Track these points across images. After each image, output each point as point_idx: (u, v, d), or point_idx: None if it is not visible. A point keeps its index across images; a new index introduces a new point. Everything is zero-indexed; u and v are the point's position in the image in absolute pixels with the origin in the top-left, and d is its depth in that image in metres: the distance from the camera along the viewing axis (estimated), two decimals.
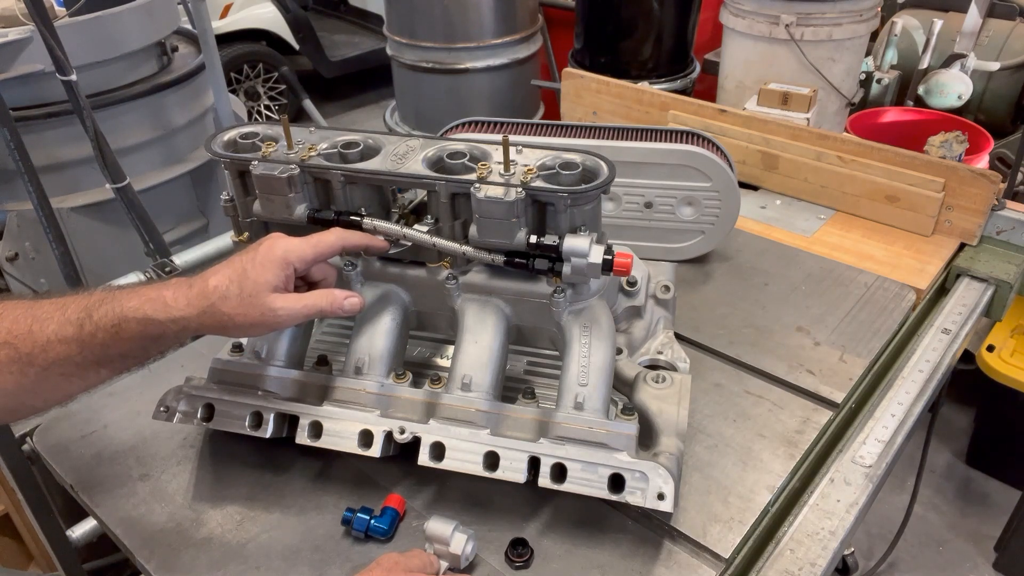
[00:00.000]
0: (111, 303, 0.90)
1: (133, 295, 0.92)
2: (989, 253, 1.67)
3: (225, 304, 0.92)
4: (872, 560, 2.55)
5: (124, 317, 0.89)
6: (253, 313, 0.93)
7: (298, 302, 0.97)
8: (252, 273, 0.94)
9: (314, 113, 5.44)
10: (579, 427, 1.02)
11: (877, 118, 2.90)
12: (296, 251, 0.98)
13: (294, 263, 0.97)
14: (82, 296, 0.92)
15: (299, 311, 0.97)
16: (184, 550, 1.05)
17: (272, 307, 0.94)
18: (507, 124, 1.53)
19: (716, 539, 1.04)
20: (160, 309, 0.90)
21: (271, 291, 0.94)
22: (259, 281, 0.94)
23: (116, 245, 2.56)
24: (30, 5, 1.91)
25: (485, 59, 3.48)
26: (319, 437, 1.07)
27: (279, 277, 0.96)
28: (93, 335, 0.89)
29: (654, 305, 1.32)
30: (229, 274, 0.94)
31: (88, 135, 2.10)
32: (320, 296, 1.00)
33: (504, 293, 1.12)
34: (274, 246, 0.97)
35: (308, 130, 1.17)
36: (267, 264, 0.95)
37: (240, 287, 0.93)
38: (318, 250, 1.00)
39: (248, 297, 0.93)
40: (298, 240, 1.00)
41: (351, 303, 1.02)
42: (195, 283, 0.94)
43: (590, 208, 1.06)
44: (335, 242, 1.03)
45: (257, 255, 0.96)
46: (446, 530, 0.97)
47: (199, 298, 0.92)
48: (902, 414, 1.27)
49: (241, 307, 0.92)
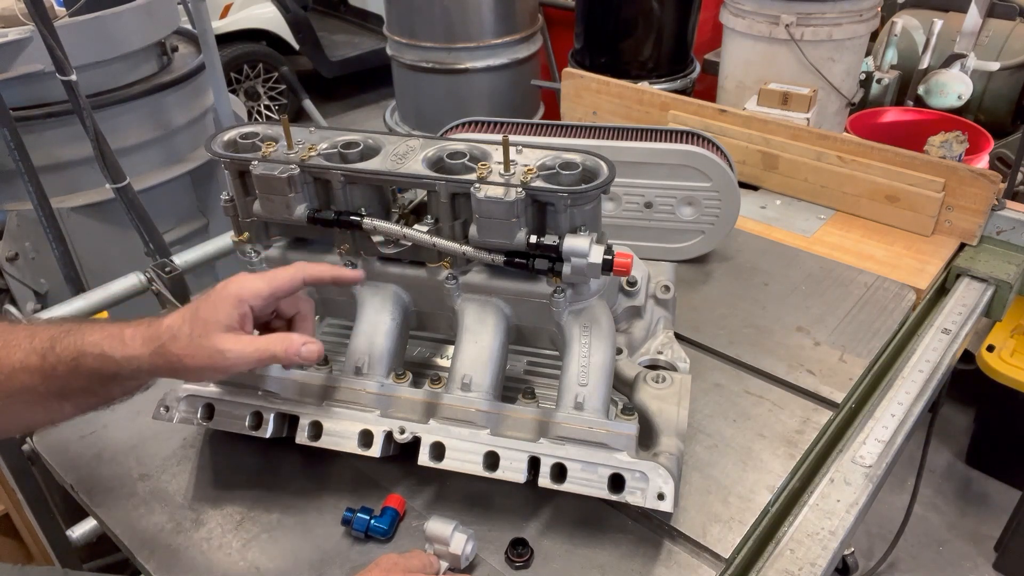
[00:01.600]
0: (75, 335, 0.88)
1: (96, 329, 0.89)
2: (989, 253, 1.67)
3: (175, 344, 0.87)
4: (872, 560, 2.55)
5: (82, 352, 0.87)
6: (201, 355, 0.87)
7: (250, 344, 0.90)
8: (203, 312, 0.89)
9: (314, 113, 5.44)
10: (579, 427, 1.02)
11: (877, 118, 2.90)
12: (251, 288, 0.92)
13: (248, 300, 0.92)
14: (53, 326, 0.90)
15: (250, 355, 0.89)
16: (184, 550, 1.05)
17: (220, 348, 0.88)
18: (507, 124, 1.53)
19: (716, 539, 1.04)
20: (117, 346, 0.87)
21: (222, 331, 0.89)
22: (209, 320, 0.88)
23: (116, 245, 2.56)
24: (30, 5, 1.91)
25: (485, 59, 3.48)
26: (319, 437, 1.07)
27: (231, 316, 0.90)
28: (54, 367, 0.86)
29: (654, 305, 1.32)
30: (183, 314, 0.90)
31: (88, 135, 2.10)
32: (275, 340, 0.92)
33: (504, 293, 1.12)
34: (228, 284, 0.92)
35: (308, 130, 1.17)
36: (218, 303, 0.90)
37: (191, 326, 0.88)
38: (273, 286, 0.94)
39: (198, 337, 0.87)
40: (254, 277, 0.95)
41: (308, 350, 0.93)
42: (154, 322, 0.90)
43: (590, 208, 1.06)
44: (294, 275, 0.97)
45: (211, 294, 0.91)
46: (446, 530, 0.97)
47: (152, 337, 0.88)
48: (902, 414, 1.27)
49: (191, 348, 0.87)
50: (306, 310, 1.03)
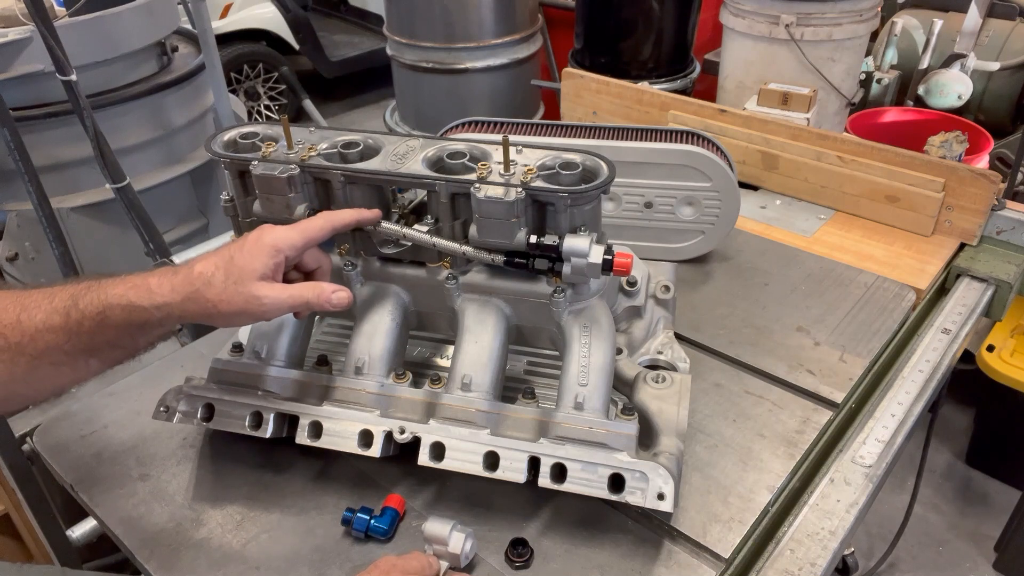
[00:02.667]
0: (96, 291, 0.89)
1: (118, 283, 0.90)
2: (989, 253, 1.67)
3: (209, 290, 0.89)
4: (872, 560, 2.54)
5: (108, 304, 0.88)
6: (237, 300, 0.90)
7: (284, 292, 0.94)
8: (239, 259, 0.92)
9: (314, 113, 5.44)
10: (579, 427, 1.02)
11: (877, 118, 2.90)
12: (285, 238, 0.96)
13: (284, 250, 0.95)
14: (70, 285, 0.91)
15: (284, 301, 0.93)
16: (184, 550, 1.05)
17: (256, 295, 0.91)
18: (507, 124, 1.53)
19: (716, 539, 1.04)
20: (144, 295, 0.89)
21: (257, 279, 0.92)
22: (246, 268, 0.91)
23: (116, 245, 2.56)
24: (30, 5, 1.90)
25: (485, 59, 3.48)
26: (319, 437, 1.07)
27: (267, 265, 0.93)
28: (80, 323, 0.87)
29: (654, 305, 1.32)
30: (216, 260, 0.92)
31: (88, 135, 2.10)
32: (308, 288, 0.97)
33: (504, 293, 1.12)
34: (263, 235, 0.95)
35: (308, 130, 1.17)
36: (255, 251, 0.93)
37: (226, 273, 0.90)
38: (307, 235, 0.98)
39: (233, 284, 0.90)
40: (287, 228, 0.98)
41: (339, 297, 0.98)
42: (180, 270, 0.91)
43: (590, 208, 1.06)
44: (324, 225, 1.00)
45: (246, 243, 0.94)
46: (444, 530, 0.97)
47: (184, 284, 0.90)
48: (902, 414, 1.27)
49: (225, 294, 0.89)
50: (326, 265, 1.06)
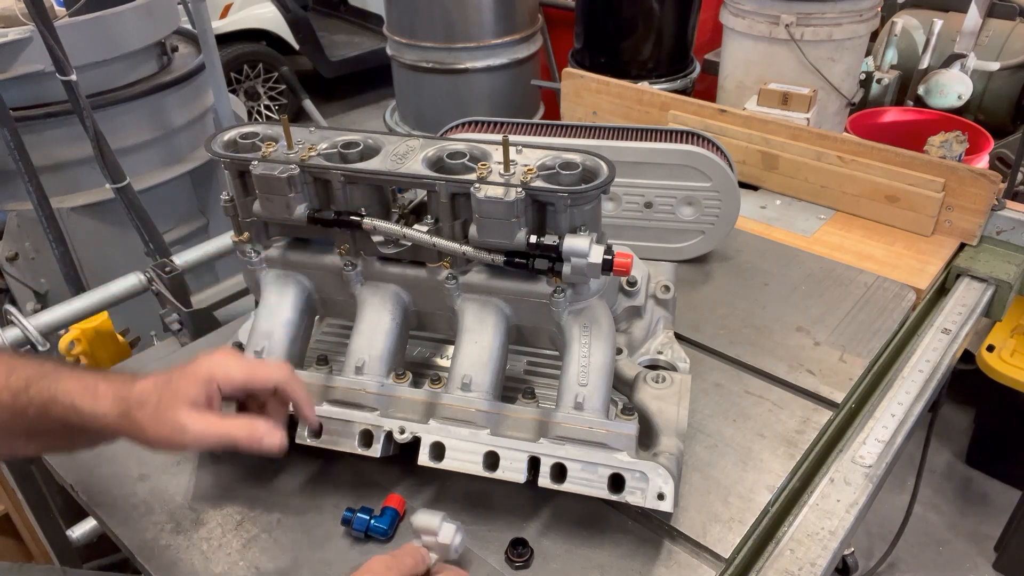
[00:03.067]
0: (50, 379, 0.86)
1: (73, 377, 0.87)
2: (989, 253, 1.67)
3: (141, 411, 0.85)
4: (872, 560, 2.54)
5: (54, 398, 0.85)
6: (163, 428, 0.85)
7: (212, 425, 0.87)
8: (173, 383, 0.87)
9: (314, 113, 5.44)
10: (579, 427, 1.02)
11: (877, 118, 2.90)
12: (224, 371, 0.90)
13: (218, 381, 0.90)
14: (33, 365, 0.89)
15: (209, 435, 0.87)
16: (184, 550, 1.05)
17: (181, 423, 0.85)
18: (507, 124, 1.53)
19: (716, 539, 1.04)
20: (88, 401, 0.86)
21: (187, 406, 0.86)
22: (177, 392, 0.87)
23: (116, 245, 2.56)
24: (30, 5, 1.91)
25: (485, 59, 3.48)
26: (319, 437, 1.07)
27: (199, 393, 0.88)
28: (25, 408, 0.85)
29: (654, 305, 1.32)
30: (155, 380, 0.88)
31: (88, 135, 2.10)
32: (240, 425, 0.89)
33: (504, 293, 1.12)
34: (203, 360, 0.91)
35: (308, 130, 1.17)
36: (190, 377, 0.88)
37: (159, 396, 0.86)
38: (251, 376, 0.92)
39: (163, 409, 0.85)
40: (236, 360, 0.92)
41: (271, 442, 0.89)
42: (129, 382, 0.88)
43: (590, 208, 1.06)
44: (272, 376, 0.94)
45: (187, 366, 0.90)
46: (434, 521, 0.96)
47: (122, 399, 0.86)
48: (902, 414, 1.27)
49: (154, 418, 0.85)
50: (276, 405, 0.97)
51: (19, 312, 1.37)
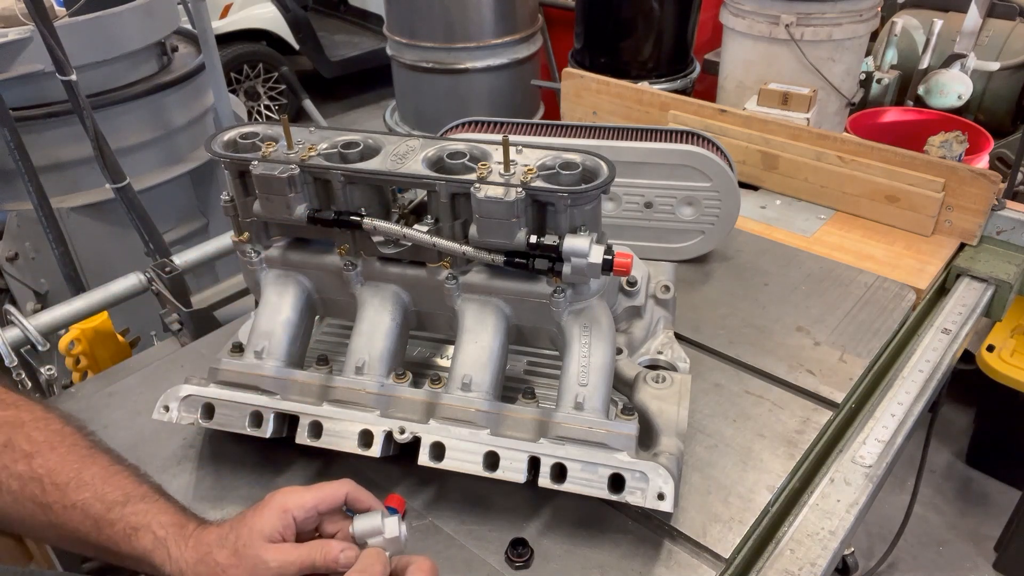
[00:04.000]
0: (148, 502, 0.91)
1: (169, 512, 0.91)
2: (989, 253, 1.67)
3: (220, 553, 0.87)
4: (872, 560, 2.54)
5: (148, 527, 0.89)
6: (245, 564, 0.87)
7: (292, 553, 0.89)
8: (250, 520, 0.90)
9: (314, 113, 5.44)
10: (579, 427, 1.02)
11: (877, 118, 2.90)
12: (295, 500, 0.93)
13: (292, 511, 0.92)
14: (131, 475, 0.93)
15: (292, 562, 0.88)
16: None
17: (264, 558, 0.87)
18: (507, 124, 1.53)
19: (716, 539, 1.04)
20: (177, 540, 0.89)
21: (265, 539, 0.89)
22: (254, 529, 0.89)
23: (116, 245, 2.56)
24: (30, 5, 1.91)
25: (485, 59, 3.48)
26: (319, 437, 1.07)
27: (275, 526, 0.90)
28: (113, 523, 0.89)
29: (654, 305, 1.32)
30: (232, 523, 0.91)
31: (88, 135, 2.10)
32: (315, 548, 0.91)
33: (504, 293, 1.12)
34: (275, 496, 0.93)
35: (308, 130, 1.17)
36: (264, 512, 0.91)
37: (236, 535, 0.89)
38: (319, 498, 0.94)
39: (243, 547, 0.88)
40: (302, 489, 0.95)
41: (346, 556, 0.91)
42: (205, 530, 0.91)
43: (590, 208, 1.06)
44: (338, 491, 0.96)
45: (259, 505, 0.92)
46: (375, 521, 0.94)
47: (197, 545, 0.89)
48: (902, 414, 1.27)
49: (235, 556, 0.87)
50: (345, 530, 0.97)
51: (19, 312, 1.37)
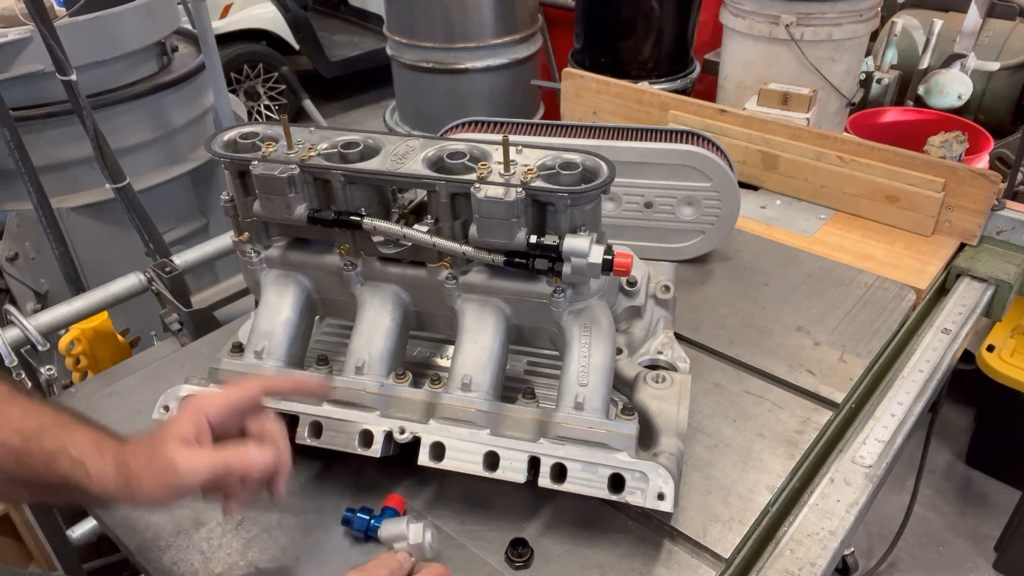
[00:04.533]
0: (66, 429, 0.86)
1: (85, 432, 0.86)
2: (989, 253, 1.67)
3: (135, 460, 0.84)
4: (872, 560, 2.54)
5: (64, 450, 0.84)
6: (155, 470, 0.83)
7: (203, 456, 0.86)
8: (163, 427, 0.87)
9: (314, 113, 5.44)
10: (579, 427, 1.02)
11: (877, 118, 2.90)
12: (208, 400, 0.90)
13: (204, 410, 0.89)
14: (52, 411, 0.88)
15: (202, 467, 0.85)
16: (184, 550, 1.05)
17: (174, 461, 0.84)
18: (507, 124, 1.53)
19: (716, 539, 1.04)
20: (95, 457, 0.84)
21: (177, 442, 0.85)
22: (168, 433, 0.86)
23: (116, 245, 2.56)
24: (30, 5, 1.91)
25: (485, 59, 3.48)
26: (319, 437, 1.07)
27: (188, 429, 0.87)
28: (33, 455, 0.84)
29: (654, 305, 1.32)
30: (150, 431, 0.88)
31: (88, 135, 2.10)
32: (228, 451, 0.88)
33: (504, 293, 1.12)
34: (190, 399, 0.91)
35: (308, 130, 1.17)
36: (179, 415, 0.89)
37: (151, 441, 0.86)
38: (232, 398, 0.91)
39: (155, 451, 0.84)
40: (216, 390, 0.93)
41: (262, 455, 0.89)
42: (125, 438, 0.88)
43: (590, 208, 1.06)
44: (257, 391, 0.93)
45: (176, 411, 0.90)
46: (400, 527, 0.96)
47: (119, 452, 0.85)
48: (902, 414, 1.27)
49: (147, 464, 0.84)
50: (273, 431, 0.94)
51: (19, 312, 1.37)
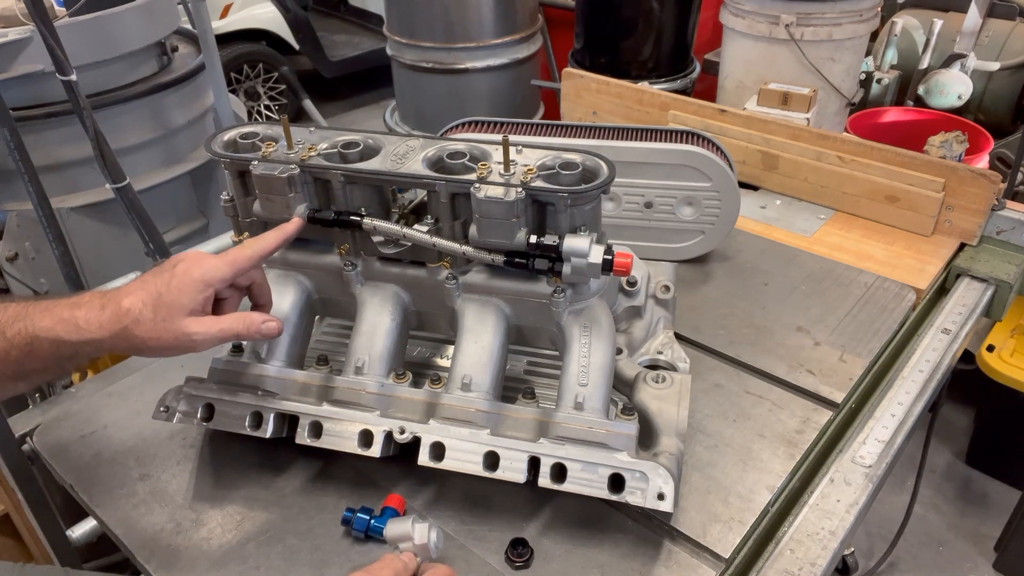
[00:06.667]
0: (23, 321, 0.90)
1: (46, 314, 0.91)
2: (989, 253, 1.67)
3: (138, 327, 0.90)
4: (872, 560, 2.54)
5: (36, 337, 0.89)
6: (167, 337, 0.91)
7: (214, 325, 0.94)
8: (167, 296, 0.92)
9: (314, 113, 5.43)
10: (579, 427, 1.02)
11: (877, 118, 2.90)
12: (214, 272, 0.96)
13: (213, 284, 0.95)
14: (6, 307, 0.92)
15: (215, 335, 0.94)
16: (184, 550, 1.05)
17: (186, 332, 0.92)
18: (507, 124, 1.53)
19: (716, 539, 1.04)
20: (71, 330, 0.90)
21: (187, 315, 0.92)
22: (174, 304, 0.92)
23: (116, 245, 2.56)
24: (30, 5, 1.90)
25: (485, 59, 3.48)
26: (319, 437, 1.07)
27: (196, 300, 0.93)
28: (7, 352, 0.89)
29: (654, 305, 1.32)
30: (143, 296, 0.92)
31: (88, 135, 2.10)
32: (237, 320, 0.97)
33: (504, 293, 1.12)
34: (191, 268, 0.95)
35: (308, 130, 1.17)
36: (183, 287, 0.93)
37: (154, 310, 0.91)
38: (236, 266, 0.98)
39: (162, 321, 0.91)
40: (215, 259, 0.97)
41: (268, 327, 0.99)
42: (108, 304, 0.91)
43: (590, 208, 1.06)
44: (252, 255, 1.01)
45: (174, 278, 0.94)
46: (405, 527, 0.96)
47: (111, 321, 0.90)
48: (902, 414, 1.27)
49: (155, 331, 0.91)
50: (259, 278, 1.05)
51: None
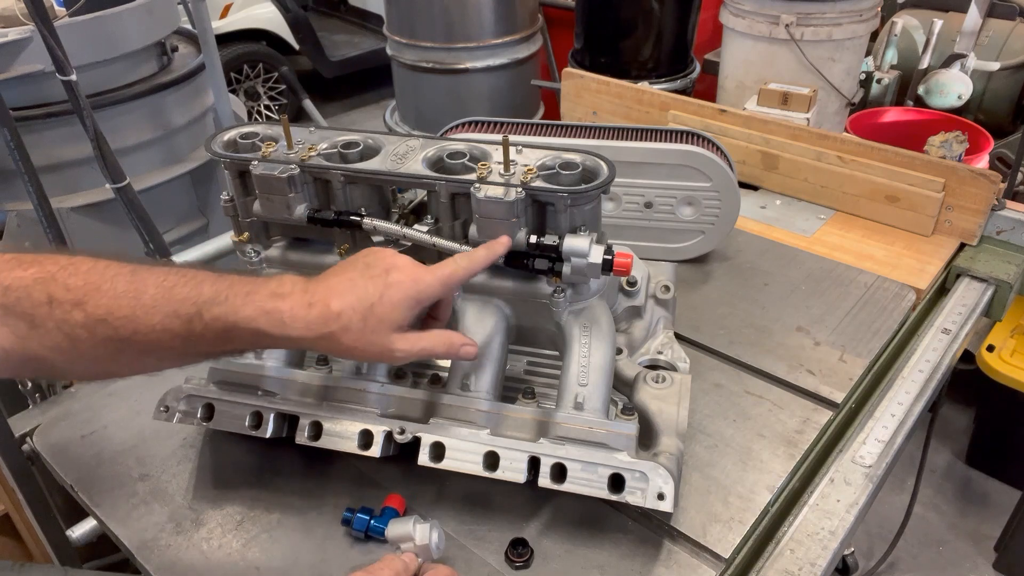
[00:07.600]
0: (224, 306, 0.86)
1: (248, 302, 0.86)
2: (989, 253, 1.67)
3: (346, 335, 0.89)
4: (872, 560, 2.54)
5: (236, 326, 0.86)
6: (371, 350, 0.91)
7: (416, 343, 0.94)
8: (379, 309, 0.90)
9: (314, 113, 5.43)
10: (579, 427, 1.02)
11: (877, 118, 2.90)
12: (428, 290, 0.94)
13: (424, 303, 0.95)
14: (188, 282, 0.86)
15: (415, 353, 0.94)
16: (184, 550, 1.05)
17: (391, 348, 0.91)
18: (507, 124, 1.53)
19: (716, 539, 1.04)
20: (276, 325, 0.87)
21: (395, 331, 0.91)
22: (385, 319, 0.90)
23: (116, 245, 2.56)
24: (30, 5, 1.91)
25: (485, 59, 3.48)
26: (319, 437, 1.06)
27: (406, 318, 0.92)
28: (202, 335, 0.85)
29: (654, 305, 1.32)
30: (353, 303, 0.89)
31: (88, 135, 2.10)
32: (439, 341, 0.97)
33: (504, 293, 1.12)
34: (405, 284, 0.92)
35: (308, 130, 1.17)
36: (397, 303, 0.91)
37: (364, 320, 0.89)
38: (448, 286, 0.97)
39: (371, 333, 0.90)
40: (429, 276, 0.95)
41: (467, 351, 0.99)
42: (316, 303, 0.88)
43: (590, 208, 1.06)
44: (464, 275, 0.98)
45: (388, 288, 0.91)
46: (406, 527, 0.96)
47: (319, 323, 0.88)
48: (902, 414, 1.27)
49: (361, 341, 0.90)
50: (447, 299, 1.04)
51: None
